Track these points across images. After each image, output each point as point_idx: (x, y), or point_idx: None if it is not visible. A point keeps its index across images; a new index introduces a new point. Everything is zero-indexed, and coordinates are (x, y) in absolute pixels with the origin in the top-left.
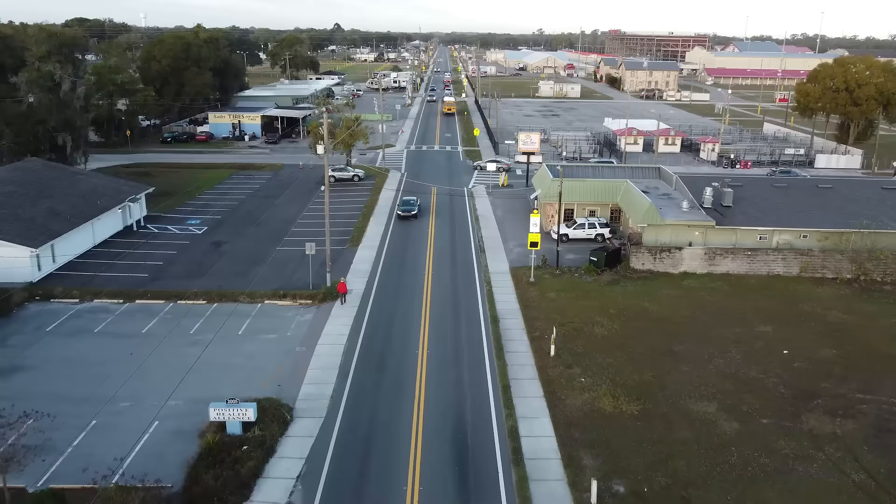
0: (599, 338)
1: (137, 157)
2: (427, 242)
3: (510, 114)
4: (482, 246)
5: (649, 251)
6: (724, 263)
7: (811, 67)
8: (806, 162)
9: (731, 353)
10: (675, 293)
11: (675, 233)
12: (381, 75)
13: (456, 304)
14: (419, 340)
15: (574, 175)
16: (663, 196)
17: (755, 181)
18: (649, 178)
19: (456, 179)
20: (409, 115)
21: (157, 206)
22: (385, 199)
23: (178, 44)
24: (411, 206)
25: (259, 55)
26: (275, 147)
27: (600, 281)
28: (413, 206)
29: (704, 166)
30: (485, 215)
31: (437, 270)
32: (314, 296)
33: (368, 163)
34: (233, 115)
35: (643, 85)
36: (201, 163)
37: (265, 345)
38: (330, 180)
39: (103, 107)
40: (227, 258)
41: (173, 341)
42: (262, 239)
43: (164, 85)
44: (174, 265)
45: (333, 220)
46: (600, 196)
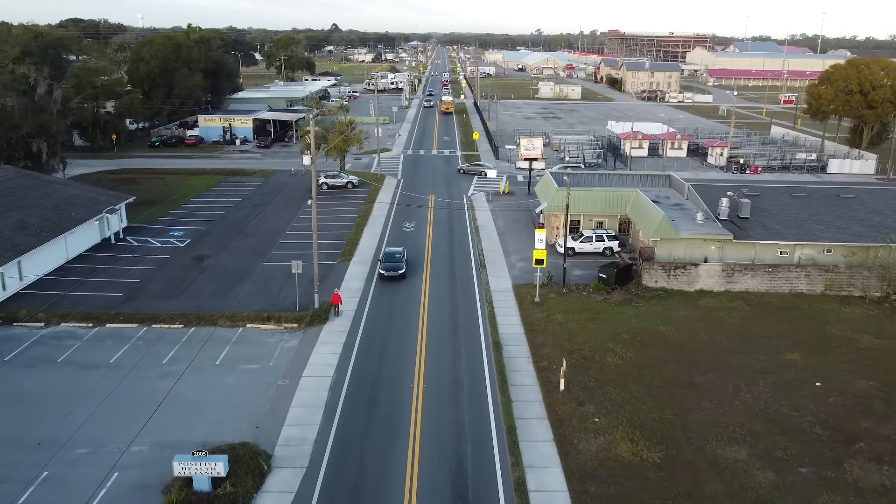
0: (613, 368)
1: (123, 162)
2: (424, 256)
3: (510, 116)
4: (482, 260)
5: (663, 267)
6: (742, 281)
7: (814, 68)
8: (818, 167)
9: (758, 385)
10: (692, 314)
11: (689, 247)
12: (377, 76)
13: (455, 328)
14: (415, 371)
15: (579, 183)
16: (675, 206)
17: (773, 190)
18: (659, 186)
19: (454, 186)
20: (406, 117)
21: (138, 216)
22: (380, 207)
23: (167, 44)
24: (397, 262)
25: (255, 56)
26: (266, 151)
27: (611, 301)
28: (399, 263)
29: (713, 171)
30: (485, 225)
31: (435, 288)
32: (301, 318)
33: (363, 168)
34: (223, 118)
35: (645, 86)
36: (189, 168)
37: (245, 376)
38: (322, 187)
39: (87, 110)
40: (209, 274)
41: (143, 372)
42: (248, 252)
43: (154, 87)
44: (152, 283)
45: (324, 231)
46: (608, 207)
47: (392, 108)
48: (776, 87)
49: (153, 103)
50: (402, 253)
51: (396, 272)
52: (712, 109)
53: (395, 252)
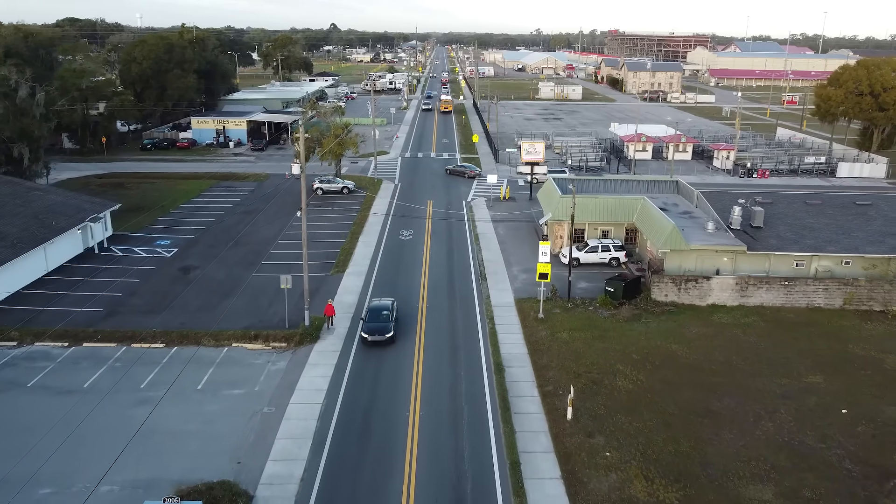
0: (623, 393)
1: (113, 165)
2: (422, 268)
3: (510, 117)
4: (483, 272)
5: (673, 281)
6: (757, 294)
7: (816, 68)
8: (827, 171)
9: (779, 412)
10: (706, 332)
11: (700, 259)
12: (375, 76)
13: (454, 347)
14: (410, 397)
15: (583, 190)
16: (684, 215)
17: (786, 197)
18: (667, 192)
19: (453, 191)
20: (404, 119)
21: (125, 223)
22: (376, 214)
23: (160, 45)
24: (383, 323)
25: (252, 56)
26: (261, 154)
27: (619, 317)
28: (387, 323)
29: (719, 175)
30: (485, 233)
31: (433, 303)
32: (290, 337)
33: (360, 172)
34: (217, 119)
35: (646, 86)
36: (180, 172)
37: (228, 403)
38: (317, 193)
39: (76, 112)
40: (196, 287)
41: (119, 398)
42: (237, 263)
43: (146, 88)
44: (134, 297)
45: (317, 239)
46: (614, 215)
47: (390, 110)
48: (779, 87)
49: (146, 105)
50: (392, 308)
51: (383, 335)
52: (715, 110)
53: (382, 308)
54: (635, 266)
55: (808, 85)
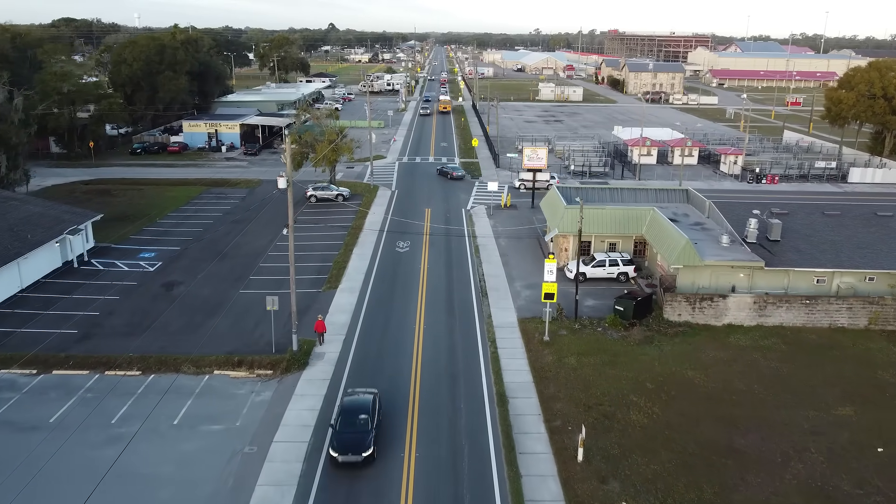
0: (638, 429)
1: (101, 171)
2: (419, 282)
3: (510, 119)
4: (484, 287)
5: (687, 299)
6: (776, 314)
7: (819, 68)
8: (838, 176)
9: (809, 451)
10: (723, 355)
11: (715, 275)
12: (373, 77)
13: (453, 375)
14: (406, 433)
15: (588, 199)
16: (696, 226)
17: (802, 208)
18: (676, 201)
19: (452, 198)
20: (402, 121)
21: (109, 234)
22: (372, 223)
23: (151, 46)
24: (360, 434)
25: (248, 56)
26: (254, 159)
27: (630, 339)
28: (364, 434)
29: (726, 181)
30: (486, 245)
31: (431, 323)
32: (276, 363)
33: (356, 177)
34: (209, 123)
35: (647, 87)
36: (170, 178)
37: (206, 441)
38: (311, 200)
39: (63, 116)
40: (179, 306)
41: (88, 436)
42: (224, 278)
43: (136, 90)
44: (113, 316)
45: (309, 251)
46: (622, 226)
47: (388, 112)
48: (781, 88)
49: (136, 108)
50: (372, 407)
51: (358, 454)
52: (718, 112)
53: (359, 409)
54: (645, 282)
55: (813, 86)
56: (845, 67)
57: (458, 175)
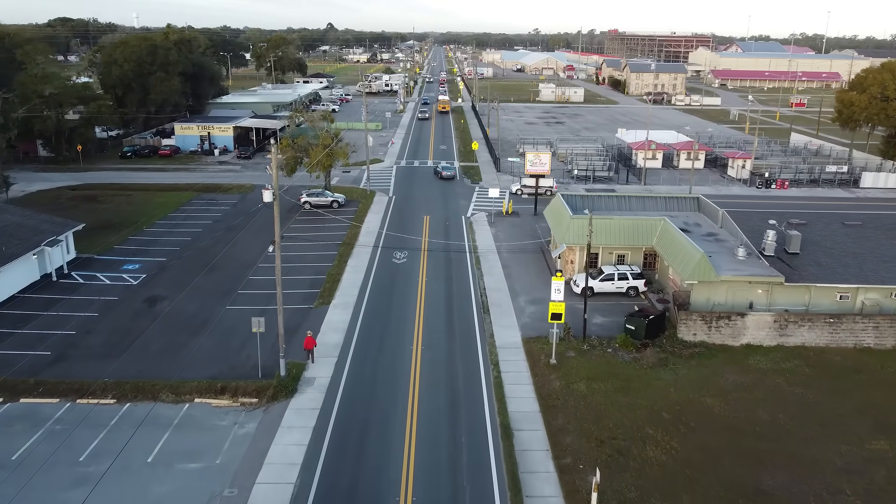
0: (656, 467)
1: (89, 175)
2: (417, 297)
3: (510, 121)
4: (485, 303)
5: (703, 318)
6: (798, 333)
7: (822, 69)
8: (850, 181)
9: (844, 493)
10: (743, 380)
11: (732, 291)
12: (371, 78)
13: (454, 403)
14: (403, 471)
15: (595, 207)
16: (709, 237)
17: (821, 218)
18: (686, 210)
19: (452, 204)
20: (400, 122)
21: (92, 244)
22: (368, 232)
23: (142, 46)
24: None
25: (245, 56)
26: (247, 163)
27: (643, 362)
28: None
29: (735, 186)
30: (487, 255)
31: (429, 343)
32: (262, 390)
33: (352, 182)
34: (202, 125)
35: (649, 88)
36: (160, 183)
37: (182, 481)
38: (305, 207)
39: (50, 118)
40: (161, 324)
41: (52, 476)
42: (211, 292)
43: (127, 92)
44: (90, 335)
45: (302, 262)
46: (631, 238)
47: (385, 114)
48: (785, 89)
49: (127, 110)
50: None
51: None
52: (722, 113)
53: None
54: (656, 296)
55: (816, 86)
56: (849, 67)
57: (447, 175)
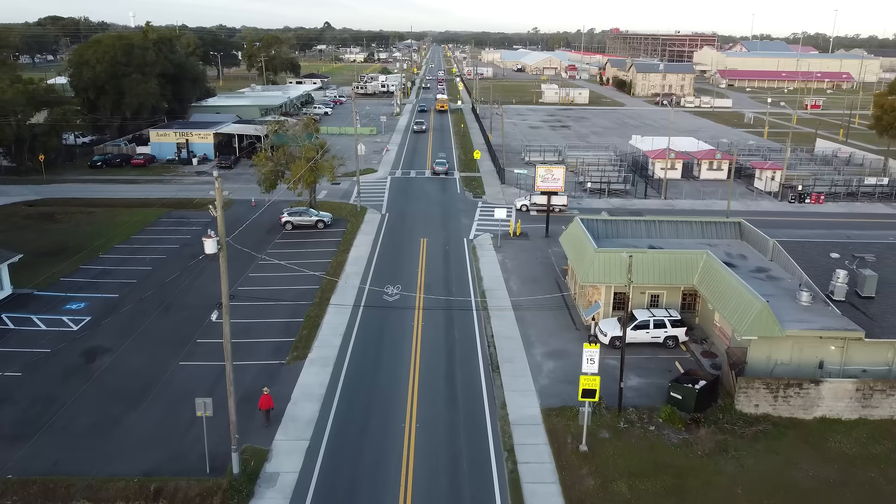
0: None
1: (51, 188)
2: (411, 349)
3: (513, 125)
4: (494, 356)
5: (767, 386)
6: (885, 404)
7: (832, 68)
8: (892, 194)
9: None
10: (827, 474)
11: (798, 348)
12: (367, 78)
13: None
14: None
15: (618, 234)
16: (758, 274)
17: (891, 250)
18: (727, 236)
19: (452, 223)
20: (396, 127)
21: (36, 275)
22: (356, 258)
23: (117, 45)
24: None
25: (238, 56)
26: (228, 173)
27: (696, 446)
28: None
29: (764, 201)
30: (494, 290)
31: (426, 418)
32: (208, 494)
33: (341, 197)
34: (179, 132)
35: (656, 89)
36: (128, 198)
37: None
38: (286, 227)
39: (9, 125)
40: (96, 388)
41: None
42: (163, 342)
43: (101, 95)
44: (5, 406)
45: (276, 299)
46: (668, 275)
47: (380, 117)
48: (793, 89)
49: (101, 114)
50: None
51: None
52: (735, 116)
53: None
54: (700, 348)
55: (829, 87)
56: (858, 67)
57: (440, 170)
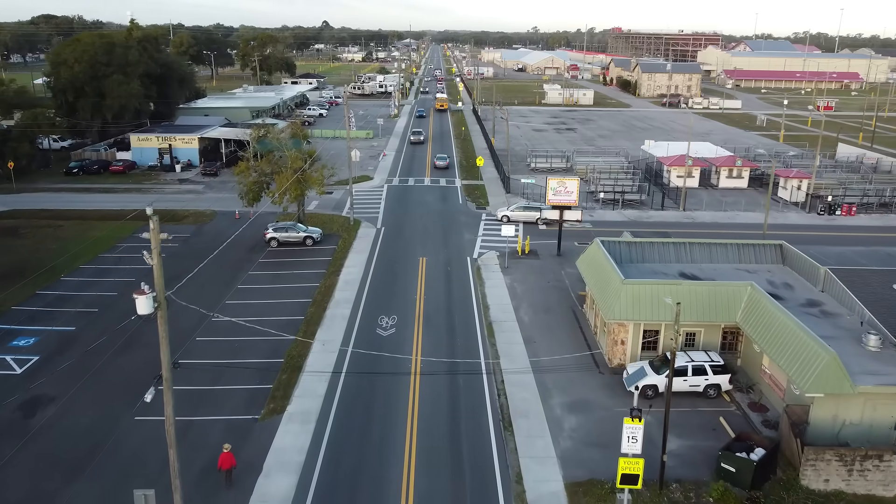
0: None
1: (20, 198)
2: (408, 400)
3: (516, 127)
4: (506, 409)
5: (840, 458)
6: None
7: (840, 68)
8: None
9: None
10: None
11: (871, 406)
12: (364, 78)
13: None
14: None
15: (644, 257)
16: (810, 309)
17: None
18: (767, 260)
19: (454, 239)
20: (394, 130)
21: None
22: (347, 283)
23: (96, 44)
24: None
25: (231, 55)
26: (213, 181)
27: None
28: None
29: (791, 212)
30: (502, 321)
31: (425, 490)
32: None
33: (333, 208)
34: (162, 137)
35: (662, 90)
36: (101, 209)
37: None
38: (271, 244)
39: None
40: (31, 452)
41: None
42: (120, 389)
43: (80, 96)
44: None
45: (255, 336)
46: (706, 311)
47: (377, 120)
48: (808, 90)
49: (81, 117)
50: None
51: None
52: (745, 118)
53: None
54: (747, 399)
55: (837, 87)
56: (866, 67)
57: (441, 164)
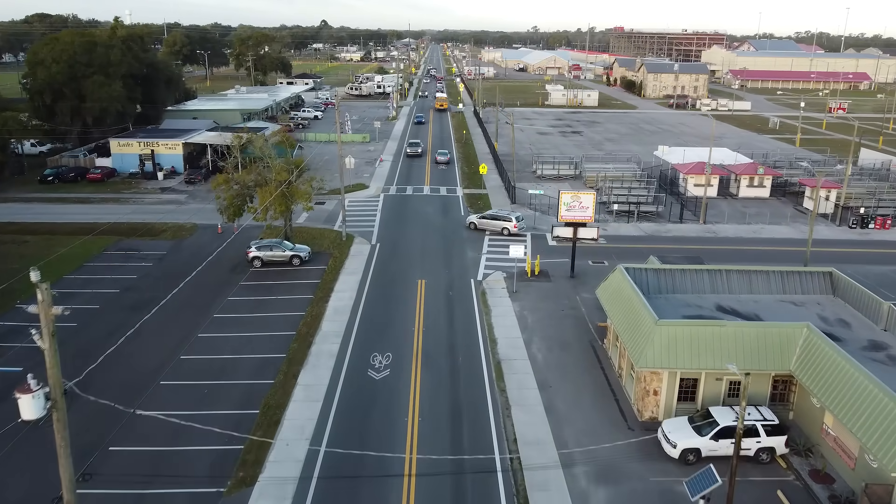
0: None
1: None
2: (405, 462)
3: (520, 130)
4: (520, 481)
5: None
6: None
7: (848, 69)
8: None
9: None
10: None
11: None
12: (361, 78)
13: None
14: None
15: (674, 288)
16: (874, 353)
17: None
18: (814, 290)
19: (457, 258)
20: (392, 133)
21: None
22: (337, 310)
23: (76, 43)
24: None
25: (226, 54)
26: (196, 190)
27: None
28: None
29: (819, 225)
30: (512, 360)
31: None
32: None
33: (325, 221)
34: (144, 142)
35: (668, 90)
36: (74, 222)
37: None
38: (253, 264)
39: None
40: None
41: None
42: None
43: (58, 98)
44: None
45: (227, 378)
46: (754, 356)
47: (374, 123)
48: (825, 91)
49: (60, 120)
50: None
51: None
52: (757, 120)
53: None
54: (805, 465)
55: (845, 88)
56: (875, 67)
57: (442, 160)
